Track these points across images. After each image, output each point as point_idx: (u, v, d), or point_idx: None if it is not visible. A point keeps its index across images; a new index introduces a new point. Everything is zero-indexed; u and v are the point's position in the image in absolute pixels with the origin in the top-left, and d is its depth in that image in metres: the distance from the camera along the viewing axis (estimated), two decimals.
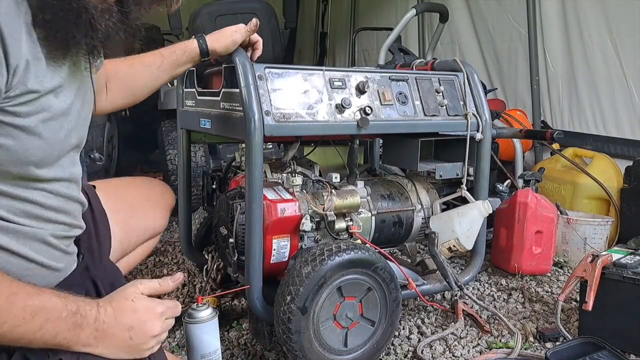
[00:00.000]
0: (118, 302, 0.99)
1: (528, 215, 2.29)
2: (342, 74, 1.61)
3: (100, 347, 0.94)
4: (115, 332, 0.96)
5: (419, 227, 1.89)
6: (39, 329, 0.86)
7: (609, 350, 1.60)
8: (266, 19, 3.42)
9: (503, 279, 2.30)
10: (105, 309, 0.96)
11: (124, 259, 1.52)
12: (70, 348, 0.91)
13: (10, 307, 0.82)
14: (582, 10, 3.09)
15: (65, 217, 1.04)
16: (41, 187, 0.96)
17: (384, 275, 1.53)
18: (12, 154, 0.88)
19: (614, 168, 2.73)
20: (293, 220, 1.54)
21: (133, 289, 1.02)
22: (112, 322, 0.95)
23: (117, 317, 0.96)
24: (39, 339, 0.87)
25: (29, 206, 0.95)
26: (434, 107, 1.74)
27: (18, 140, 0.87)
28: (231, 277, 1.62)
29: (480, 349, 1.75)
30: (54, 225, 1.01)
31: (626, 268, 1.69)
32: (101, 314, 0.94)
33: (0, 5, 0.80)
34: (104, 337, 0.94)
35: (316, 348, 1.46)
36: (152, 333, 1.01)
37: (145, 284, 1.05)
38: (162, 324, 1.03)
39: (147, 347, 1.00)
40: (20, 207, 0.93)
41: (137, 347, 0.99)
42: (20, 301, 0.84)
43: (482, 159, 1.84)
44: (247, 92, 1.43)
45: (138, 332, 0.98)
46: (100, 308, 0.95)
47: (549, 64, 3.38)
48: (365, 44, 5.56)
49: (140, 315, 0.99)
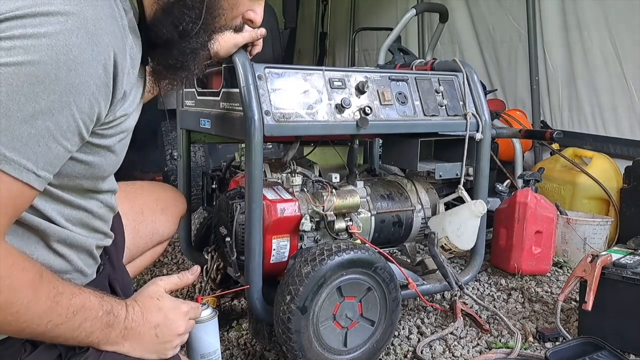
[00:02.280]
0: (143, 301, 1.00)
1: (528, 215, 2.29)
2: (342, 74, 1.61)
3: (127, 345, 0.95)
4: (142, 330, 0.97)
5: (419, 227, 1.89)
6: (76, 328, 0.86)
7: (608, 350, 1.60)
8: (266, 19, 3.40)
9: (503, 279, 2.30)
10: (133, 307, 0.97)
11: (131, 264, 1.51)
12: (97, 346, 0.92)
13: (56, 306, 0.83)
14: (581, 11, 3.10)
15: (106, 226, 1.08)
16: (98, 198, 1.01)
17: (384, 275, 1.53)
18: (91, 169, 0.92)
19: (614, 168, 2.73)
20: (293, 220, 1.54)
21: (155, 287, 1.03)
22: (139, 320, 0.96)
23: (144, 316, 0.98)
24: (73, 338, 0.88)
25: (84, 215, 0.98)
26: (433, 107, 1.74)
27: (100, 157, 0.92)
28: (231, 277, 1.62)
29: (480, 348, 1.75)
30: (98, 234, 1.05)
31: (626, 268, 1.69)
32: (130, 313, 0.95)
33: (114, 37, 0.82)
34: (132, 335, 0.95)
35: (316, 348, 1.46)
36: (177, 331, 1.02)
37: (165, 279, 1.06)
38: (186, 324, 1.05)
39: (171, 345, 1.01)
40: (77, 215, 0.96)
41: (162, 345, 1.00)
42: (65, 300, 0.84)
43: (482, 159, 1.84)
44: (247, 92, 1.43)
45: (164, 330, 0.99)
46: (129, 307, 0.96)
47: (549, 64, 3.39)
48: (365, 44, 5.56)
49: (166, 313, 1.01)
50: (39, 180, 0.78)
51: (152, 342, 0.98)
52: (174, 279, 1.08)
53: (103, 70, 0.80)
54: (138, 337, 0.96)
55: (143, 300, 1.00)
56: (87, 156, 0.89)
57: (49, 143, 0.77)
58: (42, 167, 0.78)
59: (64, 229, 0.93)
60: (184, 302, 1.05)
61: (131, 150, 1.67)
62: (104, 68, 0.80)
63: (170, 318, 1.01)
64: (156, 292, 1.02)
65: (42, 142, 0.76)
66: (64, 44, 0.74)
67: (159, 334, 0.99)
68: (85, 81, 0.77)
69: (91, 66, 0.78)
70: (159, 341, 0.99)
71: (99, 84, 0.80)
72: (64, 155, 0.81)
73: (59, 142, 0.78)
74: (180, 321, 1.02)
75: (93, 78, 0.78)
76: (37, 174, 0.77)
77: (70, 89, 0.76)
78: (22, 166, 0.75)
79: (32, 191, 0.79)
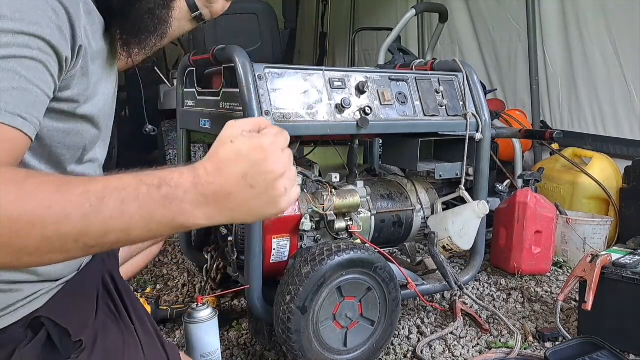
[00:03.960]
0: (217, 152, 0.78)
1: (527, 215, 2.29)
2: (342, 74, 1.62)
3: (225, 212, 0.76)
4: (228, 189, 0.75)
5: (419, 227, 1.89)
6: (120, 214, 0.70)
7: (608, 350, 1.60)
8: (266, 19, 3.42)
9: (502, 279, 2.31)
10: (205, 167, 0.76)
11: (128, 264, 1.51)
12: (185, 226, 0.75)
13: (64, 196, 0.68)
14: (581, 11, 3.10)
15: None
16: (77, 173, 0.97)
17: (384, 275, 1.53)
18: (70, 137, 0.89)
19: (614, 168, 2.73)
20: (293, 220, 1.54)
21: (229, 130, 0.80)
22: (219, 179, 0.75)
23: (223, 170, 0.76)
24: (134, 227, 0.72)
25: None
26: (433, 107, 1.74)
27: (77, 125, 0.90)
28: (231, 277, 1.63)
29: (480, 348, 1.75)
30: None
31: (625, 268, 1.69)
32: (201, 177, 0.75)
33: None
34: (220, 199, 0.75)
35: (316, 348, 1.46)
36: (276, 171, 0.77)
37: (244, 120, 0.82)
38: (283, 156, 0.79)
39: (278, 192, 0.78)
40: None
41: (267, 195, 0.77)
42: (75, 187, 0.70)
43: (482, 159, 1.84)
44: (247, 92, 1.43)
45: (257, 177, 0.76)
46: (198, 170, 0.76)
47: (549, 64, 3.39)
48: (365, 44, 5.56)
49: (249, 156, 0.76)
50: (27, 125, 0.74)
51: (252, 196, 0.76)
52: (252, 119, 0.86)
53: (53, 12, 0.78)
54: (230, 198, 0.76)
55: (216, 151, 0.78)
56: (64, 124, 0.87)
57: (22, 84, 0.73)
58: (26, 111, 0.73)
59: None
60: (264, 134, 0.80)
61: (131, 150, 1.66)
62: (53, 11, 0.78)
63: (257, 159, 0.76)
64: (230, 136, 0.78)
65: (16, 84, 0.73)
66: None
67: (253, 183, 0.76)
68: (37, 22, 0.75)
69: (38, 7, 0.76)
70: (259, 192, 0.76)
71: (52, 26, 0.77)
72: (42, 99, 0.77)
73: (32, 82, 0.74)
74: (270, 158, 0.77)
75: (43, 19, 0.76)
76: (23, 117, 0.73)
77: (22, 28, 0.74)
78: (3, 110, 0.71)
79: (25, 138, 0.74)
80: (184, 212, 0.73)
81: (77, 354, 0.91)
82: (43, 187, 0.68)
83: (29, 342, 0.89)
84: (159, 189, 0.72)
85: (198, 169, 0.75)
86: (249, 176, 0.76)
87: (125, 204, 0.70)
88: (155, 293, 2.06)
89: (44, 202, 0.67)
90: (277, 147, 0.79)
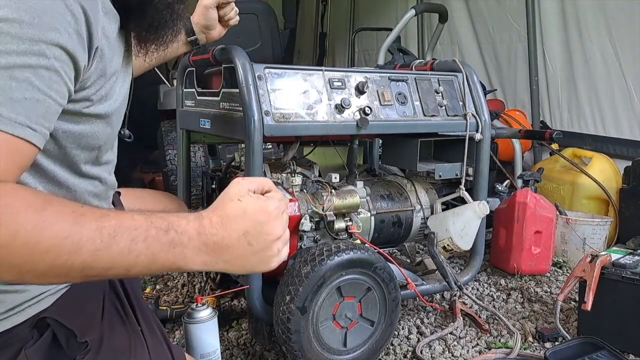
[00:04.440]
0: (222, 206, 0.84)
1: (527, 215, 2.29)
2: (342, 74, 1.62)
3: (221, 262, 0.82)
4: (229, 242, 0.82)
5: (418, 228, 1.89)
6: (128, 253, 0.75)
7: (608, 350, 1.60)
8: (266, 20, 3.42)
9: (502, 279, 2.31)
10: (210, 219, 0.82)
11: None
12: (183, 269, 0.81)
13: (81, 229, 0.72)
14: (581, 11, 3.10)
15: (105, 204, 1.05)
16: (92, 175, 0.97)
17: (383, 275, 1.53)
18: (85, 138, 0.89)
19: (613, 168, 2.73)
20: (292, 220, 1.54)
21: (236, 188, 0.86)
22: (221, 232, 0.81)
23: (226, 225, 0.82)
24: (136, 265, 0.76)
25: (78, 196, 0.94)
26: (433, 108, 1.74)
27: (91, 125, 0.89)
28: (231, 277, 1.63)
29: (480, 348, 1.75)
30: None
31: (625, 268, 1.69)
32: (206, 226, 0.81)
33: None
34: (219, 250, 0.81)
35: (315, 348, 1.46)
36: (274, 234, 0.85)
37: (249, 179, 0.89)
38: (282, 222, 0.88)
39: (272, 252, 0.86)
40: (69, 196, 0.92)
41: (262, 254, 0.85)
42: (90, 222, 0.73)
43: (481, 159, 1.84)
44: (246, 92, 1.43)
45: (257, 236, 0.83)
46: (204, 220, 0.82)
47: (548, 64, 3.39)
48: (364, 44, 5.56)
49: (253, 216, 0.83)
50: (36, 136, 0.74)
51: (248, 253, 0.83)
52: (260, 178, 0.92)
53: (72, 17, 0.77)
54: (228, 251, 0.82)
55: (223, 206, 0.84)
56: (79, 125, 0.86)
57: (35, 95, 0.73)
58: (36, 122, 0.74)
59: None
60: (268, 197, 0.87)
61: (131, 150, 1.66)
62: (72, 15, 0.77)
63: (260, 220, 0.83)
64: (237, 193, 0.85)
65: (29, 94, 0.73)
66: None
67: (252, 241, 0.83)
68: (55, 27, 0.74)
69: (57, 12, 0.75)
70: (255, 250, 0.84)
71: (71, 31, 0.76)
72: (54, 108, 0.77)
73: (45, 93, 0.75)
74: (272, 222, 0.85)
75: (62, 24, 0.75)
76: (32, 128, 0.73)
77: (39, 35, 0.73)
78: (13, 121, 0.71)
79: (32, 148, 0.75)
80: (184, 257, 0.79)
81: (83, 354, 0.91)
82: (62, 217, 0.71)
83: (35, 342, 0.89)
84: (166, 233, 0.78)
85: (204, 219, 0.82)
86: (250, 234, 0.83)
87: (135, 243, 0.75)
88: (155, 293, 2.06)
89: (61, 233, 0.70)
90: (280, 211, 0.87)
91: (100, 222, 0.74)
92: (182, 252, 0.79)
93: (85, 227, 0.72)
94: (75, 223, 0.72)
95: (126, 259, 0.75)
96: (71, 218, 0.72)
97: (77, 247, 0.71)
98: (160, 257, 0.77)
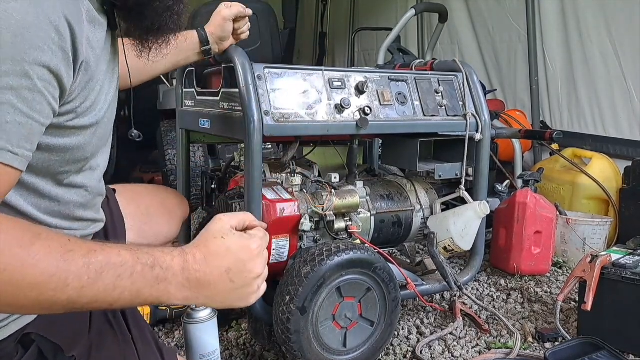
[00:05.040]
0: (206, 243, 0.86)
1: (527, 215, 2.29)
2: (342, 74, 1.61)
3: (201, 298, 0.84)
4: (211, 279, 0.84)
5: (418, 228, 1.89)
6: (113, 289, 0.75)
7: (608, 350, 1.60)
8: (266, 19, 3.42)
9: (502, 279, 2.30)
10: (194, 255, 0.84)
11: None
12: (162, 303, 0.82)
13: (69, 266, 0.72)
14: (581, 11, 3.10)
15: (92, 212, 1.03)
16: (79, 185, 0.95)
17: (383, 276, 1.53)
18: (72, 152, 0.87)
19: (613, 168, 2.73)
20: (292, 220, 1.54)
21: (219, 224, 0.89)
22: (204, 268, 0.83)
23: (209, 261, 0.84)
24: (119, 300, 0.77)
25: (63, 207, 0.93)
26: (433, 108, 1.74)
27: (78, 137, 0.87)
28: None
29: (480, 349, 1.75)
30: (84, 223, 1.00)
31: (625, 268, 1.69)
32: (190, 263, 0.83)
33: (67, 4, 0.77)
34: (201, 286, 0.83)
35: (315, 348, 1.46)
36: (255, 272, 0.88)
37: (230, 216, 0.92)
38: (262, 260, 0.90)
39: (252, 289, 0.89)
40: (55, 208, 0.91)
41: (242, 290, 0.87)
42: (78, 259, 0.73)
43: (482, 160, 1.84)
44: (246, 92, 1.42)
45: (238, 274, 0.86)
46: (188, 256, 0.84)
47: (549, 64, 3.39)
48: (364, 44, 5.56)
49: (237, 254, 0.86)
50: (17, 159, 0.73)
51: (229, 289, 0.86)
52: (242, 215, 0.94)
53: (56, 33, 0.74)
54: (210, 287, 0.84)
55: (206, 242, 0.86)
56: (64, 139, 0.84)
57: (17, 118, 0.72)
58: (17, 145, 0.72)
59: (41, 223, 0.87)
60: (251, 235, 0.90)
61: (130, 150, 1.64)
62: (56, 31, 0.74)
63: (242, 259, 0.86)
64: (220, 231, 0.87)
65: (10, 118, 0.71)
66: (2, 9, 0.69)
67: (234, 278, 0.85)
68: (38, 46, 0.72)
69: (40, 29, 0.72)
70: (236, 287, 0.86)
71: (54, 48, 0.74)
72: (38, 129, 0.76)
73: (28, 115, 0.73)
74: (254, 260, 0.88)
75: (46, 42, 0.73)
76: (13, 152, 0.72)
77: (22, 54, 0.71)
78: None
79: (14, 171, 0.74)
80: (168, 293, 0.80)
81: None
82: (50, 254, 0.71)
83: (20, 358, 0.87)
84: (152, 269, 0.79)
85: (187, 255, 0.83)
86: (232, 272, 0.85)
87: (120, 280, 0.75)
88: None
89: (48, 271, 0.70)
90: (261, 249, 0.90)
91: (88, 258, 0.74)
92: (166, 288, 0.80)
93: (72, 264, 0.72)
94: (64, 260, 0.72)
95: (111, 295, 0.75)
96: (59, 254, 0.71)
97: (63, 285, 0.71)
98: (144, 292, 0.78)
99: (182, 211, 1.66)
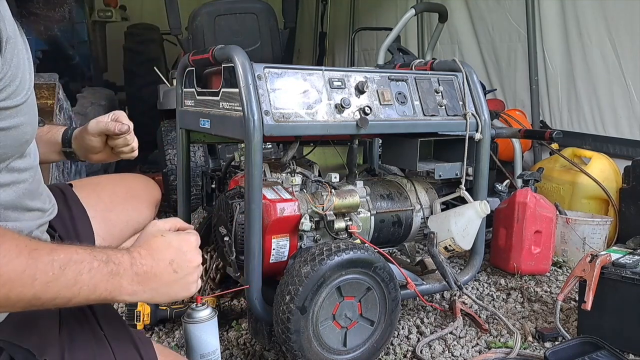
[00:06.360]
0: (148, 242, 0.94)
1: (527, 215, 2.29)
2: (342, 74, 1.61)
3: (148, 291, 0.90)
4: (157, 270, 0.91)
5: (418, 227, 1.89)
6: (74, 284, 0.80)
7: (607, 349, 1.60)
8: (265, 19, 3.42)
9: (502, 279, 2.31)
10: (139, 252, 0.91)
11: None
12: (115, 299, 0.88)
13: (36, 262, 0.76)
14: (581, 11, 3.10)
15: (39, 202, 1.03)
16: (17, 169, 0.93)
17: (383, 275, 1.53)
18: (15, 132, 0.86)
19: (613, 168, 2.73)
20: (292, 220, 1.54)
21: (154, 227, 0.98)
22: (150, 262, 0.91)
23: (154, 255, 0.92)
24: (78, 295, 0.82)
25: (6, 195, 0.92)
26: (433, 107, 1.74)
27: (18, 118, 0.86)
28: (230, 276, 1.62)
29: (480, 348, 1.75)
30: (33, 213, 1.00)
31: (625, 268, 1.69)
32: (136, 258, 0.90)
33: None
34: (148, 279, 0.90)
35: (315, 348, 1.46)
36: (194, 263, 0.97)
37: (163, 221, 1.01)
38: (199, 253, 0.99)
39: (193, 279, 0.97)
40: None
41: (184, 280, 0.95)
42: (44, 255, 0.78)
43: (481, 159, 1.84)
44: (246, 92, 1.43)
45: (181, 264, 0.94)
46: (134, 253, 0.90)
47: (548, 64, 3.39)
48: (364, 44, 5.57)
49: (178, 246, 0.95)
50: None
51: (173, 280, 0.93)
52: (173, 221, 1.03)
53: None
54: (156, 279, 0.91)
55: (148, 242, 0.94)
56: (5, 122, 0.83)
57: None
58: None
59: None
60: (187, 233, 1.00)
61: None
62: None
63: (184, 250, 0.95)
64: (158, 231, 0.97)
65: None
66: None
67: (177, 268, 0.93)
68: None
69: None
70: (179, 277, 0.94)
71: None
72: None
73: None
74: (193, 252, 0.97)
75: None
76: None
77: None
78: None
79: None
80: (120, 287, 0.86)
81: None
82: (20, 252, 0.75)
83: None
84: (106, 265, 0.84)
85: (133, 252, 0.90)
86: (175, 262, 0.93)
87: (80, 275, 0.81)
88: None
89: (18, 267, 0.75)
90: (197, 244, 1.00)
91: (52, 255, 0.79)
92: (119, 282, 0.86)
93: (39, 261, 0.77)
94: (32, 258, 0.76)
95: (71, 290, 0.80)
96: (27, 252, 0.76)
97: (32, 280, 0.75)
98: (100, 287, 0.84)
99: (151, 195, 1.64)
